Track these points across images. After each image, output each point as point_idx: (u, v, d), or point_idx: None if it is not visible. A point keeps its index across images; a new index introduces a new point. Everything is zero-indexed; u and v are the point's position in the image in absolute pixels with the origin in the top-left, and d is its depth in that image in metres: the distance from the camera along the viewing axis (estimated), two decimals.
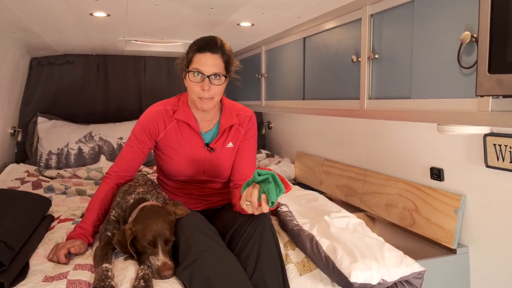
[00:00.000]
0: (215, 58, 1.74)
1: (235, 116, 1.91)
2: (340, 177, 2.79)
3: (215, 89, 1.76)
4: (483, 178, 1.79)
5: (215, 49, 1.74)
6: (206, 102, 1.77)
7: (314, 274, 1.58)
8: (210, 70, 1.73)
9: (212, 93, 1.75)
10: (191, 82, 1.76)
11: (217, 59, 1.74)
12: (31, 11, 2.13)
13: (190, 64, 1.76)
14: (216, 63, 1.74)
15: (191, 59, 1.76)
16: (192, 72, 1.74)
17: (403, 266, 1.52)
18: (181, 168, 1.88)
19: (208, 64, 1.73)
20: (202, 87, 1.73)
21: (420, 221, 2.07)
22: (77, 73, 3.80)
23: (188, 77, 1.77)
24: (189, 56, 1.77)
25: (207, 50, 1.74)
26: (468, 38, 1.33)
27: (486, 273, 1.84)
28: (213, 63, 1.73)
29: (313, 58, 2.43)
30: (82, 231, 1.71)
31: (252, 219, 1.62)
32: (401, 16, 1.71)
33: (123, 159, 1.89)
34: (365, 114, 1.93)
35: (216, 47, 1.74)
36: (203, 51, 1.74)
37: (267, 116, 4.13)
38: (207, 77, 1.73)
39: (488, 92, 1.18)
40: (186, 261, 1.45)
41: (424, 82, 1.60)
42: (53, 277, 1.40)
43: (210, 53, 1.73)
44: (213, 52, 1.74)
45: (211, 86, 1.74)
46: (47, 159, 3.35)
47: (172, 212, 1.63)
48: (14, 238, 1.49)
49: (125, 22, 2.45)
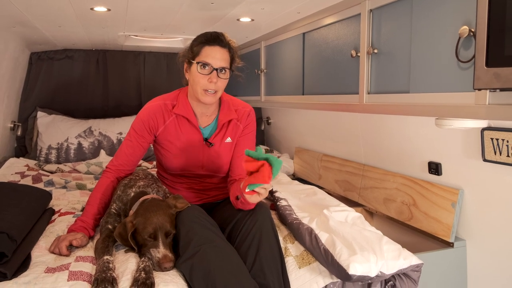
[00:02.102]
0: (224, 52, 1.77)
1: (234, 111, 1.93)
2: (339, 172, 2.81)
3: (220, 83, 1.79)
4: (481, 172, 1.81)
5: (224, 43, 1.78)
6: (210, 95, 1.78)
7: (313, 266, 1.59)
8: (218, 63, 1.76)
9: (217, 86, 1.78)
10: (198, 74, 1.76)
11: (225, 54, 1.78)
12: (32, 5, 2.14)
13: (197, 56, 1.77)
14: (224, 57, 1.77)
15: (199, 51, 1.77)
16: (200, 64, 1.75)
17: (401, 259, 1.54)
18: (180, 162, 1.90)
19: (217, 57, 1.75)
20: (210, 79, 1.75)
21: (418, 215, 2.09)
22: (77, 68, 3.80)
23: (195, 69, 1.77)
24: (196, 49, 1.78)
25: (216, 44, 1.76)
26: (466, 32, 1.35)
27: (483, 266, 1.86)
28: (222, 56, 1.77)
29: (312, 53, 2.44)
30: (83, 224, 1.72)
31: (252, 212, 1.63)
32: (400, 11, 1.72)
33: (123, 153, 1.90)
34: (364, 108, 1.95)
35: (224, 41, 1.78)
36: (212, 44, 1.76)
37: (266, 112, 4.14)
38: (215, 70, 1.75)
39: (486, 85, 1.20)
40: (186, 254, 1.46)
41: (422, 76, 1.61)
42: (54, 269, 1.42)
43: (220, 47, 1.77)
44: (222, 46, 1.77)
45: (218, 79, 1.77)
46: (47, 153, 3.35)
47: (173, 206, 1.65)
48: (16, 230, 1.50)
49: (126, 17, 2.45)
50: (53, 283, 1.33)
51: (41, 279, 1.35)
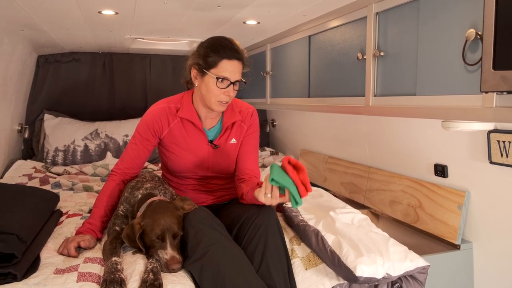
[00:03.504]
0: (240, 65, 1.78)
1: (238, 112, 1.94)
2: (344, 174, 2.81)
3: (234, 93, 1.81)
4: (487, 174, 1.81)
5: (239, 55, 1.77)
6: (223, 105, 1.81)
7: (319, 268, 1.59)
8: (235, 77, 1.77)
9: (231, 97, 1.80)
10: (214, 88, 1.75)
11: (240, 66, 1.79)
12: (41, 9, 2.15)
13: (214, 68, 1.74)
14: (240, 70, 1.79)
15: (216, 63, 1.74)
16: (219, 79, 1.74)
17: (407, 261, 1.54)
18: (185, 164, 1.91)
19: (235, 71, 1.76)
20: (227, 93, 1.77)
21: (424, 217, 2.09)
22: (83, 71, 3.83)
23: (210, 81, 1.75)
24: (212, 60, 1.74)
25: (234, 58, 1.75)
26: (472, 35, 1.35)
27: (489, 269, 1.85)
28: (239, 70, 1.78)
29: (318, 56, 2.45)
30: (90, 226, 1.74)
31: (258, 214, 1.64)
32: (407, 13, 1.73)
33: (128, 156, 1.91)
34: (371, 111, 1.95)
35: (239, 53, 1.77)
36: (231, 58, 1.74)
37: (271, 114, 4.14)
38: (231, 84, 1.76)
39: (493, 88, 1.20)
40: (195, 255, 1.47)
41: (429, 79, 1.61)
42: (64, 270, 1.43)
43: (237, 61, 1.76)
44: (239, 60, 1.77)
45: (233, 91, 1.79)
46: (54, 155, 3.38)
47: (180, 207, 1.66)
48: (25, 232, 1.51)
49: (133, 20, 2.47)
50: (63, 284, 1.34)
51: (50, 280, 1.36)
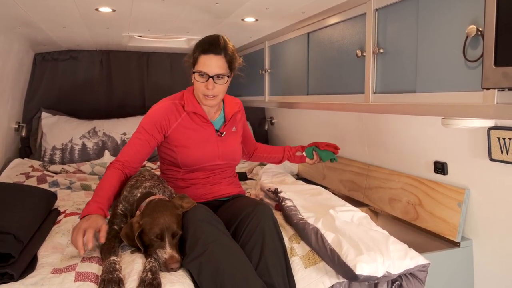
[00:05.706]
0: (218, 59, 1.86)
1: (235, 104, 2.13)
2: (344, 172, 2.80)
3: (218, 88, 1.89)
4: (487, 171, 1.80)
5: (218, 50, 1.86)
6: (209, 99, 1.91)
7: (319, 266, 1.59)
8: (213, 71, 1.85)
9: (215, 91, 1.89)
10: (196, 82, 1.90)
11: (220, 60, 1.86)
12: (37, 6, 2.14)
13: (196, 64, 1.89)
14: (219, 64, 1.86)
15: (197, 59, 1.89)
16: (198, 73, 1.88)
17: (407, 259, 1.53)
18: (198, 154, 1.95)
19: (211, 65, 1.85)
20: (207, 86, 1.86)
21: (423, 215, 2.08)
22: (81, 69, 3.81)
23: (195, 76, 1.90)
24: (195, 56, 1.90)
25: (210, 52, 1.85)
26: (473, 31, 1.34)
27: (489, 266, 1.85)
28: (217, 64, 1.86)
29: (317, 53, 2.44)
30: (98, 205, 1.66)
31: (254, 213, 1.65)
32: (406, 10, 1.72)
33: (130, 148, 1.92)
34: (370, 108, 1.94)
35: (219, 48, 1.86)
36: (207, 53, 1.86)
37: (269, 112, 4.13)
38: (211, 78, 1.85)
39: (494, 85, 1.19)
40: (194, 252, 1.47)
41: (429, 76, 1.60)
42: (61, 269, 1.42)
43: (214, 55, 1.85)
44: (216, 54, 1.86)
45: (215, 85, 1.87)
46: (51, 154, 3.36)
47: (179, 206, 1.65)
48: (22, 231, 1.50)
49: (130, 18, 2.45)
50: (60, 284, 1.33)
51: (48, 280, 1.35)
